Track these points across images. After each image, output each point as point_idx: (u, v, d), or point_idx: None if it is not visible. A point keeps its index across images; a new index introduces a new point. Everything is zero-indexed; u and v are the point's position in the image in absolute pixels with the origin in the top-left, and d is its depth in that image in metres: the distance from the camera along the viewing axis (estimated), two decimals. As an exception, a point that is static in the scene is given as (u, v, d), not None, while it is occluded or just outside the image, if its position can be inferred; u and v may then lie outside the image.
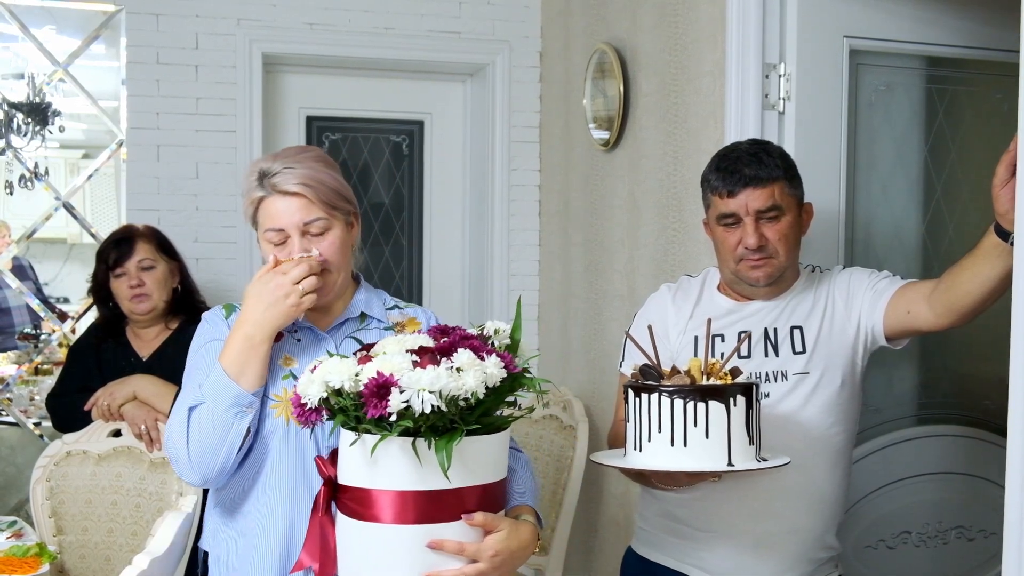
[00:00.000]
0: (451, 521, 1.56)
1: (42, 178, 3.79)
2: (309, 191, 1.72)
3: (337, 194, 1.77)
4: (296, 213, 1.73)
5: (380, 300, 1.92)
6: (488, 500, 1.60)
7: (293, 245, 1.74)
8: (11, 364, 4.19)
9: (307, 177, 1.73)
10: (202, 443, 1.67)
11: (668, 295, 2.14)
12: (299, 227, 1.73)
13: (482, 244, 3.97)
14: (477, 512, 1.56)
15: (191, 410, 1.68)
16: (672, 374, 1.77)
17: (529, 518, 1.70)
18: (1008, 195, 1.67)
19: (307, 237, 1.74)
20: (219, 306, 1.86)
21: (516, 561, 1.63)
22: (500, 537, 1.59)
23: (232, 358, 1.68)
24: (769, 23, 2.46)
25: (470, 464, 1.56)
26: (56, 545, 2.63)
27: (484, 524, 1.57)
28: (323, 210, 1.74)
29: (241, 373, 1.67)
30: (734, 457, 1.69)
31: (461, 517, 1.55)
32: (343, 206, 1.78)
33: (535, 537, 1.69)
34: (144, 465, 2.69)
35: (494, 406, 1.57)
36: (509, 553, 1.60)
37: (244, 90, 3.62)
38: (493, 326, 1.67)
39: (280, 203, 1.73)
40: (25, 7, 3.61)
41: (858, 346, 2.02)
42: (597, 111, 3.33)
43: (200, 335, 1.83)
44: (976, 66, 2.61)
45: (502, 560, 1.59)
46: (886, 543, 2.55)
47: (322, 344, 1.82)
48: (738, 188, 1.94)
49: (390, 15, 3.76)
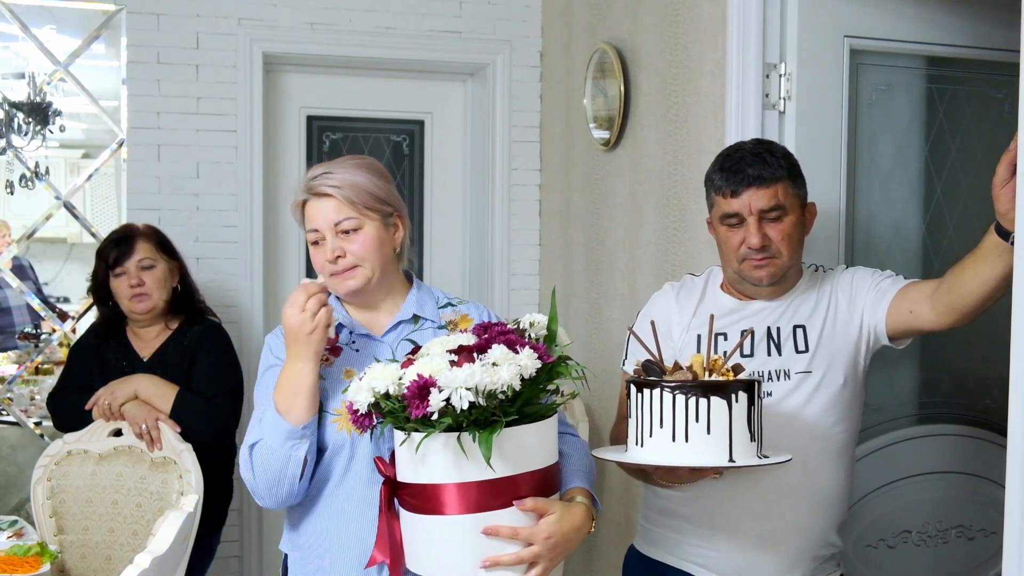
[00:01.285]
0: (503, 508, 1.63)
1: (43, 178, 3.79)
2: (339, 192, 1.85)
3: (371, 196, 1.87)
4: (329, 213, 1.85)
5: (432, 299, 1.99)
6: (539, 485, 1.67)
7: (327, 244, 1.86)
8: (12, 364, 4.20)
9: (340, 180, 1.86)
10: (267, 475, 1.78)
11: (672, 293, 2.15)
12: (332, 227, 1.85)
13: (483, 244, 3.98)
14: (528, 498, 1.64)
15: (252, 447, 1.79)
16: (674, 370, 1.77)
17: (583, 500, 1.76)
18: (1008, 195, 1.68)
19: (340, 236, 1.85)
20: (279, 327, 1.92)
21: (571, 543, 1.70)
22: (552, 520, 1.66)
23: (280, 396, 1.77)
24: (770, 23, 2.46)
25: (517, 452, 1.63)
26: (57, 544, 2.64)
27: (536, 509, 1.65)
28: (354, 210, 1.85)
29: (289, 410, 1.75)
30: (735, 453, 1.70)
31: (513, 503, 1.63)
32: (378, 207, 1.88)
33: (589, 518, 1.75)
34: (145, 464, 2.70)
35: (533, 396, 1.64)
36: (562, 535, 1.67)
37: (245, 90, 3.62)
38: (529, 319, 1.73)
39: (316, 205, 1.87)
40: (25, 7, 3.61)
41: (860, 345, 2.02)
42: (598, 111, 3.33)
43: (264, 359, 1.93)
44: (976, 66, 2.61)
45: (555, 542, 1.66)
46: (887, 542, 2.55)
47: (379, 349, 1.90)
48: (741, 188, 1.94)
49: (391, 15, 3.76)
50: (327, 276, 1.88)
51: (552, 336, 1.73)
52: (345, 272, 1.86)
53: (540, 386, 1.64)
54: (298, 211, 1.91)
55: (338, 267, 1.86)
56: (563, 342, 1.74)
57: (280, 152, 3.85)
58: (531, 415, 1.64)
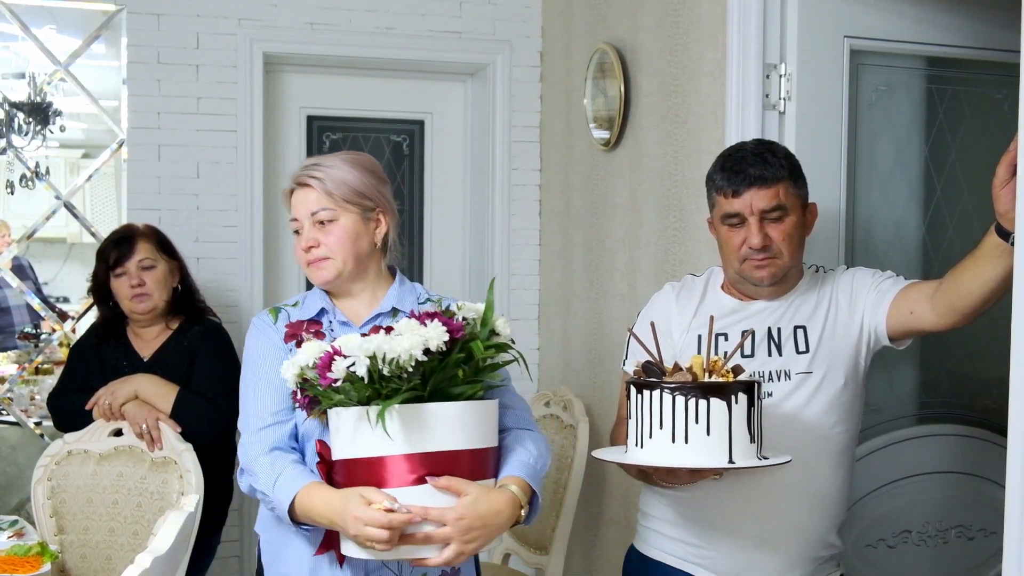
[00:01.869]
0: (417, 485, 1.65)
1: (43, 178, 3.79)
2: (318, 183, 1.91)
3: (350, 189, 1.92)
4: (307, 203, 1.92)
5: (414, 295, 2.01)
6: (462, 467, 1.67)
7: (303, 234, 1.92)
8: (12, 364, 4.20)
9: (321, 171, 1.92)
10: (255, 493, 1.86)
11: (672, 294, 2.15)
12: (309, 216, 1.92)
13: (483, 244, 3.98)
14: (443, 476, 1.65)
15: (253, 489, 1.85)
16: (674, 371, 1.78)
17: (515, 488, 1.75)
18: (1008, 195, 1.67)
19: (316, 226, 1.91)
20: (265, 311, 1.99)
21: (488, 527, 1.69)
22: (467, 501, 1.66)
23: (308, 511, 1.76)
24: (770, 23, 2.46)
25: (432, 429, 1.64)
26: (57, 544, 2.64)
27: (448, 487, 1.65)
28: (331, 202, 1.91)
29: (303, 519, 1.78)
30: (735, 455, 1.70)
31: (427, 480, 1.64)
32: (357, 201, 1.93)
33: (513, 505, 1.74)
34: (145, 464, 2.70)
35: (449, 375, 1.66)
36: (477, 516, 1.66)
37: (245, 90, 3.62)
38: (460, 303, 1.78)
39: (299, 194, 1.94)
40: (26, 7, 3.61)
41: (861, 346, 2.02)
42: (598, 111, 3.33)
43: (254, 342, 1.95)
44: (976, 66, 2.61)
45: (468, 523, 1.66)
46: (886, 542, 2.55)
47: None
48: (743, 188, 1.95)
49: (391, 15, 3.76)
50: (304, 265, 1.95)
51: (486, 321, 1.75)
52: (317, 262, 1.92)
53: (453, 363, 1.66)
54: (287, 199, 1.98)
55: (311, 256, 1.93)
56: (500, 331, 1.76)
57: (280, 152, 3.85)
58: (452, 394, 1.66)
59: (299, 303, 1.99)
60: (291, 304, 2.00)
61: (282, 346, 1.91)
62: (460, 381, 1.68)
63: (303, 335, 1.90)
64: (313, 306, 1.97)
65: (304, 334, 1.90)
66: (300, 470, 1.80)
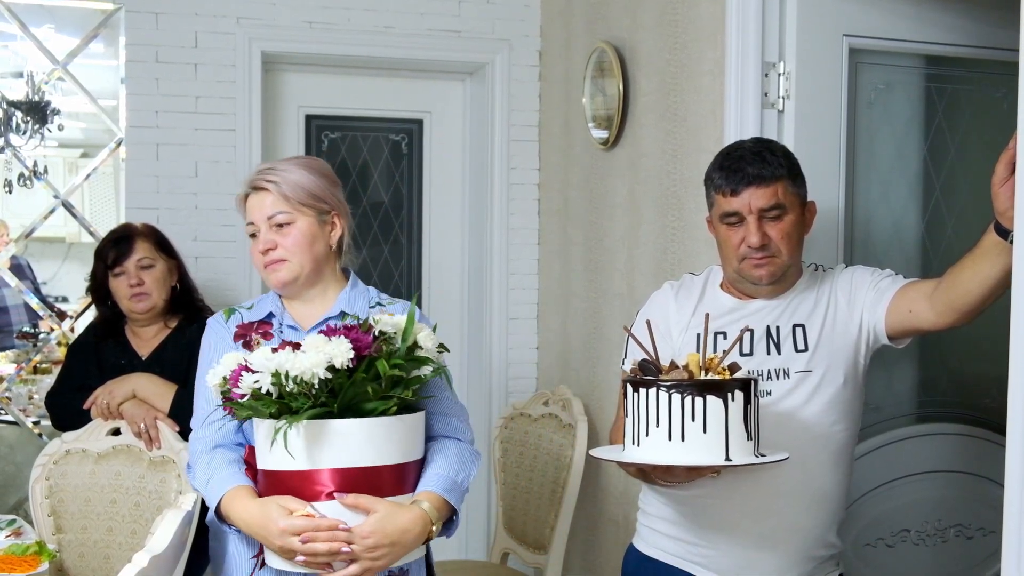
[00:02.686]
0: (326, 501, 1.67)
1: (41, 177, 3.78)
2: (274, 187, 1.93)
3: (306, 192, 1.94)
4: (264, 206, 1.96)
5: (366, 298, 2.03)
6: (382, 482, 1.69)
7: (261, 236, 1.94)
8: (10, 363, 4.19)
9: (277, 175, 1.94)
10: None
11: (671, 293, 2.14)
12: (265, 219, 1.94)
13: (481, 243, 3.97)
14: (351, 494, 1.67)
15: (197, 480, 1.92)
16: (670, 369, 1.77)
17: (426, 505, 1.76)
18: (1007, 193, 1.67)
19: (273, 229, 1.93)
20: (220, 312, 2.03)
21: (396, 545, 1.71)
22: (374, 520, 1.68)
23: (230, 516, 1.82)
24: (769, 22, 2.46)
25: (340, 446, 1.66)
26: (55, 543, 2.63)
27: (356, 505, 1.68)
28: (288, 205, 1.93)
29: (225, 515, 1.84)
30: (732, 452, 1.70)
31: (335, 497, 1.66)
32: (313, 204, 1.95)
33: (423, 522, 1.75)
34: (143, 464, 2.69)
35: (360, 392, 1.66)
36: (384, 535, 1.68)
37: (243, 89, 3.61)
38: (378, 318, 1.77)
39: (254, 198, 1.96)
40: (24, 5, 3.60)
41: (860, 345, 2.02)
42: (597, 110, 3.33)
43: (207, 341, 2.01)
44: (975, 65, 2.61)
45: (375, 541, 1.68)
46: (885, 541, 2.55)
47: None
48: (741, 187, 1.94)
49: (389, 14, 3.76)
50: (261, 268, 1.97)
51: (406, 336, 1.75)
52: (275, 264, 1.94)
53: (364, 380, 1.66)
54: (241, 205, 1.99)
55: (268, 259, 1.94)
56: (423, 344, 1.76)
57: (279, 151, 3.85)
58: (365, 410, 1.67)
59: (253, 305, 2.03)
60: (246, 307, 2.04)
61: (232, 345, 1.93)
62: (371, 397, 1.68)
63: (252, 336, 1.92)
64: (264, 308, 2.00)
65: (253, 335, 1.93)
66: (231, 472, 1.83)
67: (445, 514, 1.82)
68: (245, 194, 1.98)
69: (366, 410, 1.68)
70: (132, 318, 2.91)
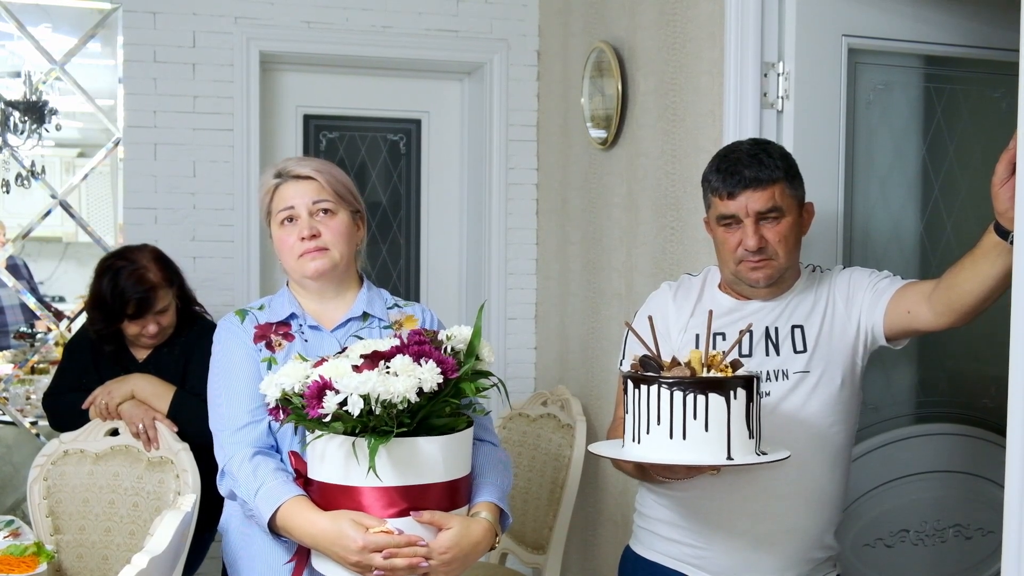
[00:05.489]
0: (399, 517, 1.66)
1: (38, 176, 3.78)
2: (320, 176, 1.91)
3: (345, 187, 1.94)
4: (307, 194, 1.90)
5: (382, 299, 2.02)
6: (442, 498, 1.70)
7: (301, 223, 1.88)
8: (7, 363, 4.18)
9: (320, 165, 1.93)
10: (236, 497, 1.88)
11: (669, 293, 2.14)
12: (308, 206, 1.89)
13: (479, 243, 3.97)
14: (426, 511, 1.67)
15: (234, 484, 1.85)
16: (672, 366, 1.76)
17: (487, 515, 1.78)
18: (1007, 193, 1.67)
19: (315, 217, 1.89)
20: (231, 314, 1.97)
21: (468, 558, 1.73)
22: (451, 536, 1.69)
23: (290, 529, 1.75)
24: (768, 22, 2.46)
25: (415, 463, 1.65)
26: (53, 544, 2.63)
27: (432, 522, 1.68)
28: (331, 196, 1.91)
29: (283, 532, 1.77)
30: (733, 451, 1.69)
31: (411, 515, 1.66)
32: (350, 200, 1.95)
33: (489, 534, 1.78)
34: (142, 464, 2.69)
35: (437, 410, 1.65)
36: (460, 549, 1.70)
37: (241, 88, 3.61)
38: (449, 332, 1.74)
39: (293, 186, 1.91)
40: (21, 5, 3.60)
41: (858, 346, 2.02)
42: (595, 110, 3.33)
43: (223, 344, 1.94)
44: (974, 65, 2.61)
45: (452, 556, 1.69)
46: (884, 541, 2.55)
47: (327, 342, 1.91)
48: (738, 190, 1.94)
49: (388, 13, 3.75)
50: (295, 256, 1.90)
51: (472, 351, 1.73)
52: (315, 252, 1.89)
53: (445, 401, 1.65)
54: (268, 195, 1.93)
55: (310, 245, 1.88)
56: (485, 359, 1.75)
57: (277, 151, 3.84)
58: (436, 427, 1.66)
59: (264, 306, 1.97)
60: (256, 307, 1.98)
61: (252, 346, 1.90)
62: (445, 414, 1.68)
63: (272, 337, 1.89)
64: (281, 309, 1.95)
65: (273, 336, 1.90)
66: (282, 480, 1.78)
67: (499, 522, 1.84)
68: (275, 184, 1.93)
69: (436, 425, 1.67)
70: (138, 343, 2.87)
